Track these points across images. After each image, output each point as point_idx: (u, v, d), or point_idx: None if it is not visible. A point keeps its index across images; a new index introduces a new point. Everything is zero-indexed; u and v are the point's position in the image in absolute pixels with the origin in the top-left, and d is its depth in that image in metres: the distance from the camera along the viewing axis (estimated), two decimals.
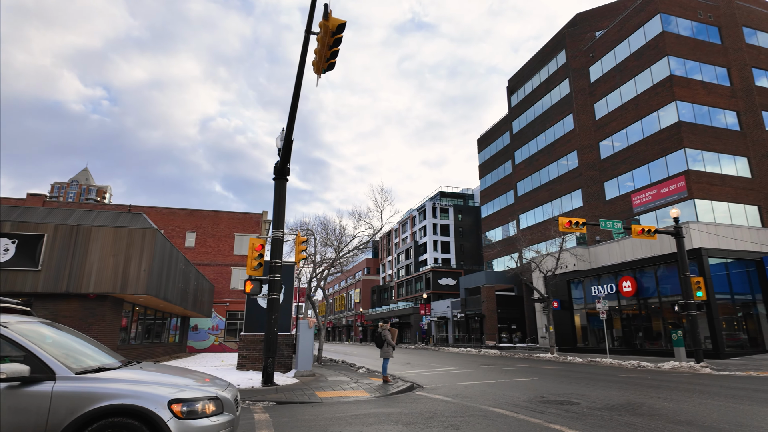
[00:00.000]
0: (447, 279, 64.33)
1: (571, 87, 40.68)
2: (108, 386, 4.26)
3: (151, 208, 36.47)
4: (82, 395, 4.13)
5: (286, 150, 13.00)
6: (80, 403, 4.09)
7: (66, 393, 4.11)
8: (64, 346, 4.81)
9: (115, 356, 5.42)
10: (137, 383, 4.45)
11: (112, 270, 15.59)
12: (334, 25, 9.33)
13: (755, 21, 33.68)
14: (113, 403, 4.14)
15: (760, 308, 25.35)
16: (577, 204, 38.28)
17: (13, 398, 3.99)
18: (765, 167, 29.74)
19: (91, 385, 4.22)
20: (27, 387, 4.07)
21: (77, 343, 5.19)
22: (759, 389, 11.58)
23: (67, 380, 4.19)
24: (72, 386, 4.16)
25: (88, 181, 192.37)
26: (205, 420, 4.38)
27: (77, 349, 5.01)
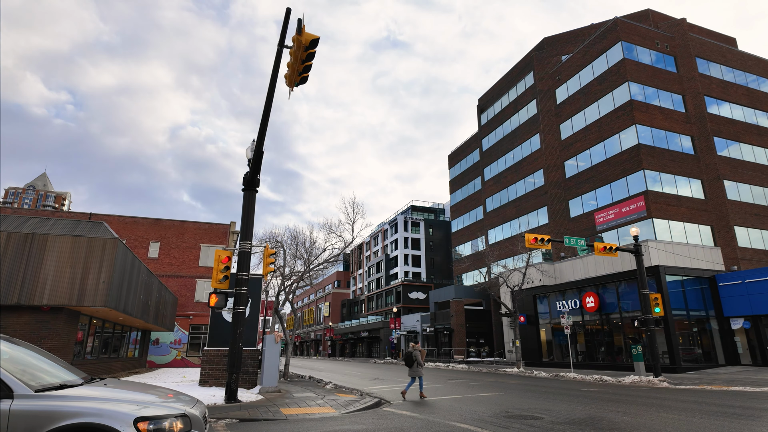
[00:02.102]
0: (417, 293, 64.51)
1: (538, 108, 42.09)
2: (69, 404, 4.11)
3: (113, 216, 35.20)
4: (42, 414, 3.96)
5: (257, 161, 12.87)
6: (40, 422, 3.93)
7: (24, 412, 3.95)
8: (22, 362, 4.59)
9: (77, 372, 5.19)
10: (100, 401, 4.29)
11: (68, 281, 14.90)
12: (307, 40, 9.39)
13: (707, 52, 35.93)
14: (75, 422, 3.97)
15: (713, 324, 26.55)
16: (543, 221, 39.33)
17: None
18: (716, 190, 31.45)
19: (51, 403, 4.07)
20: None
21: (35, 358, 4.94)
22: (711, 402, 12.08)
23: (26, 398, 4.03)
24: (31, 404, 4.01)
25: (46, 186, 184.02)
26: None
27: (36, 365, 4.78)
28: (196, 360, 32.88)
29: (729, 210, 30.76)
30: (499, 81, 50.37)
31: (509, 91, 47.75)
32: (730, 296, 26.20)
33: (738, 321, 25.68)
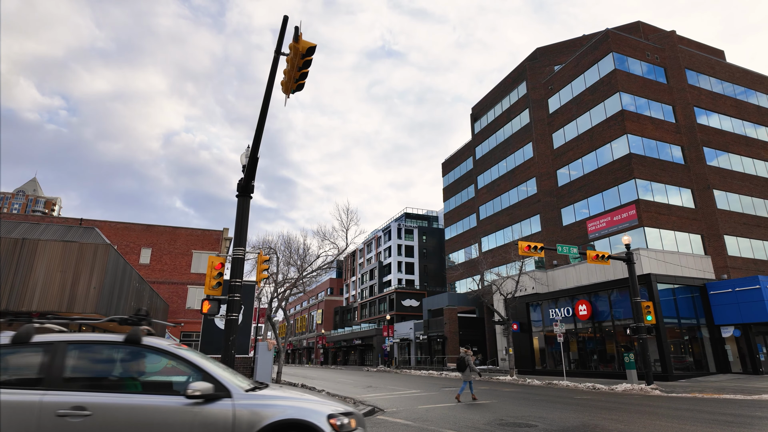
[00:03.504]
0: (410, 300, 64.39)
1: (530, 117, 42.49)
2: (274, 403, 4.66)
3: (104, 222, 34.88)
4: (257, 411, 4.50)
5: (251, 167, 12.85)
6: (257, 418, 4.45)
7: (244, 409, 4.48)
8: (220, 367, 5.06)
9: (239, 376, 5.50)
10: (293, 400, 4.81)
11: (58, 287, 14.72)
12: (304, 48, 9.44)
13: (696, 64, 36.56)
14: (285, 418, 4.50)
15: (704, 332, 26.75)
16: (536, 229, 39.55)
17: (202, 414, 4.36)
18: (706, 199, 31.85)
19: (260, 402, 4.62)
20: (209, 404, 4.42)
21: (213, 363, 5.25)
22: (703, 410, 12.14)
23: (241, 398, 4.58)
24: (246, 403, 4.55)
25: (36, 191, 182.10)
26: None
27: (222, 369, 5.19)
28: None
29: (719, 219, 31.14)
30: (493, 90, 50.82)
31: (502, 100, 48.19)
32: (720, 304, 26.45)
33: (728, 329, 25.90)
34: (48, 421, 4.04)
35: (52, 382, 4.30)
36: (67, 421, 4.07)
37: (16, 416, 4.02)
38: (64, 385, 4.31)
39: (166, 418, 4.29)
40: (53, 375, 4.34)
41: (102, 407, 4.21)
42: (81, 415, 4.11)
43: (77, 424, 4.08)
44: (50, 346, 4.51)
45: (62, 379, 4.35)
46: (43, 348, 4.50)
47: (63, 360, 4.45)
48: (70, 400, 4.18)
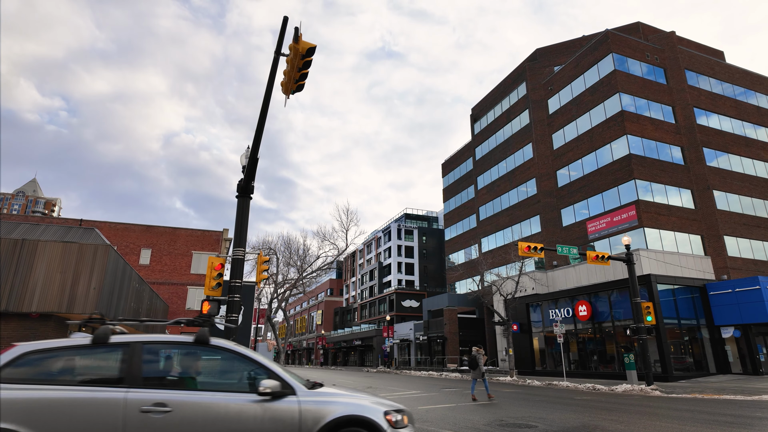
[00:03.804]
0: (410, 301, 64.37)
1: (530, 117, 42.50)
2: (334, 399, 4.91)
3: (104, 222, 34.88)
4: (321, 408, 4.73)
5: (251, 168, 12.85)
6: (320, 414, 4.68)
7: (309, 406, 4.72)
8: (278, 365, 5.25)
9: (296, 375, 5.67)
10: (350, 397, 5.07)
11: (58, 287, 14.71)
12: (304, 48, 9.45)
13: (696, 65, 36.59)
14: (346, 414, 4.74)
15: (704, 333, 26.74)
16: (535, 229, 39.55)
17: (271, 410, 4.61)
18: (706, 200, 31.86)
19: (321, 399, 4.85)
20: (276, 401, 4.68)
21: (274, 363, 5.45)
22: (703, 411, 12.13)
23: (305, 395, 4.82)
24: (310, 400, 4.79)
25: (36, 192, 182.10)
26: (405, 429, 4.99)
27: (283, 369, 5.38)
28: None
29: (719, 220, 31.14)
30: (493, 91, 50.84)
31: (502, 100, 48.21)
32: (720, 305, 26.45)
33: (728, 330, 25.90)
34: (133, 416, 4.29)
35: (132, 380, 4.54)
36: (150, 417, 4.32)
37: (105, 412, 4.26)
38: (144, 383, 4.55)
39: (239, 414, 4.53)
40: (133, 374, 4.58)
41: (180, 404, 4.45)
42: (162, 411, 4.36)
43: (159, 420, 4.33)
44: (127, 347, 4.75)
45: (141, 377, 4.59)
46: (121, 348, 4.75)
47: (140, 359, 4.68)
48: (152, 397, 4.43)
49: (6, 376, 4.28)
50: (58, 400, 4.23)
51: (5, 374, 4.30)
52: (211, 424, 4.43)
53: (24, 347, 4.56)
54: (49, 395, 4.25)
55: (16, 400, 4.15)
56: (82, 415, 4.20)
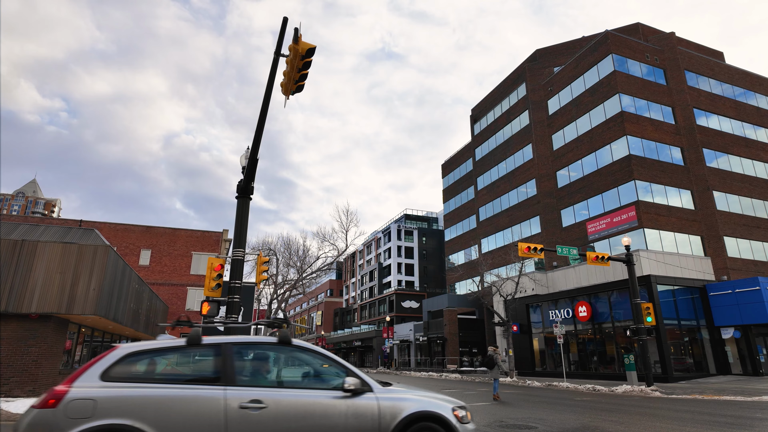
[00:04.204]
0: (410, 302, 64.36)
1: (530, 118, 42.52)
2: (407, 397, 5.19)
3: (104, 223, 34.87)
4: (396, 404, 5.04)
5: (251, 168, 12.84)
6: (397, 410, 5.00)
7: (386, 402, 5.02)
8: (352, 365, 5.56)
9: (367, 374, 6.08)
10: (419, 394, 5.35)
11: (58, 288, 14.70)
12: (304, 49, 9.45)
13: (696, 66, 36.61)
14: (419, 410, 5.06)
15: (704, 333, 26.74)
16: (535, 230, 39.54)
17: (354, 406, 4.92)
18: (706, 200, 31.86)
19: (397, 396, 5.15)
20: (356, 397, 4.97)
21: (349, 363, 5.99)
22: (703, 412, 12.12)
23: (381, 392, 5.12)
24: (386, 397, 5.09)
25: (36, 193, 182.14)
26: (470, 425, 5.31)
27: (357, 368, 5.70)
28: None
29: (718, 220, 31.14)
30: (492, 91, 50.86)
31: (502, 101, 48.23)
32: (720, 306, 26.44)
33: (728, 330, 25.89)
34: (233, 412, 4.58)
35: (228, 378, 4.80)
36: (248, 413, 4.61)
37: (208, 408, 4.56)
38: (238, 381, 4.84)
39: (326, 410, 4.84)
40: (228, 372, 4.85)
41: (274, 400, 4.76)
42: (258, 407, 4.66)
43: (256, 416, 4.63)
44: (219, 348, 5.02)
45: (235, 376, 4.87)
46: (214, 349, 5.03)
47: (232, 359, 4.96)
48: (248, 394, 4.72)
49: (114, 375, 4.56)
50: (167, 397, 4.53)
51: (113, 373, 4.58)
52: (302, 419, 4.74)
53: (127, 348, 4.82)
54: (158, 392, 4.54)
55: (130, 397, 4.43)
56: (189, 411, 4.49)
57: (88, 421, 4.16)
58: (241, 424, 4.53)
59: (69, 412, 4.18)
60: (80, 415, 4.18)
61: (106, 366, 4.58)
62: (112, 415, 4.25)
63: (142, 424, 4.27)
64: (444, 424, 5.08)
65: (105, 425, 4.19)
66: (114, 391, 4.42)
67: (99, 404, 4.28)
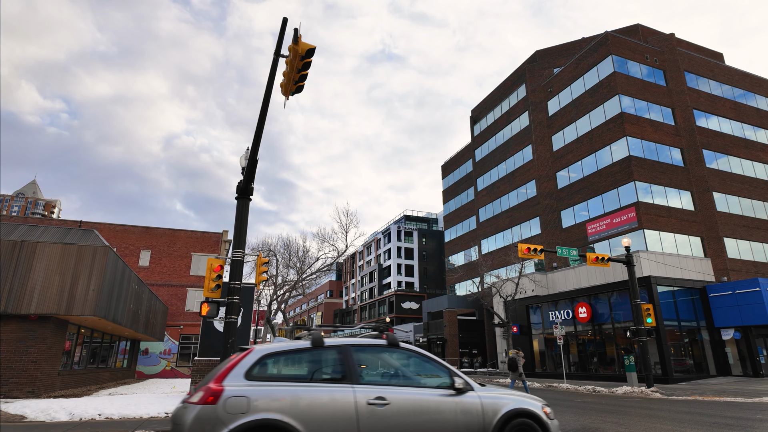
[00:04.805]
0: (410, 303, 64.31)
1: (530, 119, 42.52)
2: (503, 395, 5.73)
3: (103, 224, 34.84)
4: (496, 402, 5.57)
5: (251, 169, 12.83)
6: (497, 407, 5.52)
7: (487, 400, 5.54)
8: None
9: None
10: (513, 394, 5.84)
11: (57, 289, 14.68)
12: (304, 50, 9.44)
13: (695, 67, 36.63)
14: (516, 407, 5.59)
15: (704, 335, 26.71)
16: (535, 231, 39.53)
17: (461, 403, 5.43)
18: (706, 201, 31.86)
19: (495, 395, 5.69)
20: (461, 395, 5.47)
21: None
22: (703, 413, 12.10)
23: (480, 391, 5.63)
24: (486, 395, 5.61)
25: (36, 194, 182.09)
26: (555, 421, 5.82)
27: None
28: (186, 371, 32.41)
29: (718, 221, 31.13)
30: (492, 92, 50.88)
31: (502, 102, 48.25)
32: (720, 307, 26.42)
33: (728, 332, 25.86)
34: (363, 408, 5.02)
35: (353, 377, 5.26)
36: (375, 408, 5.06)
37: (342, 404, 4.99)
38: (361, 380, 5.28)
39: (438, 406, 5.32)
40: (351, 372, 5.31)
41: (394, 397, 5.20)
42: (383, 403, 5.11)
43: (381, 411, 5.07)
44: (339, 349, 5.48)
45: (358, 375, 5.32)
46: (335, 351, 5.47)
47: (353, 360, 5.42)
48: (373, 392, 5.17)
49: (255, 375, 5.00)
50: (308, 394, 4.96)
51: (254, 373, 5.02)
52: (419, 414, 5.20)
53: (262, 350, 5.25)
54: (299, 390, 4.97)
55: (277, 394, 4.87)
56: (326, 406, 4.93)
57: (245, 416, 4.61)
58: (370, 418, 4.99)
59: (228, 407, 4.63)
60: (237, 410, 4.64)
61: (248, 366, 5.02)
62: (262, 411, 4.70)
63: (289, 419, 4.72)
64: (537, 420, 5.62)
65: (259, 419, 4.64)
66: (261, 388, 4.87)
67: (252, 401, 4.72)
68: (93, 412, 10.55)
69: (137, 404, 11.93)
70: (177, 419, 4.76)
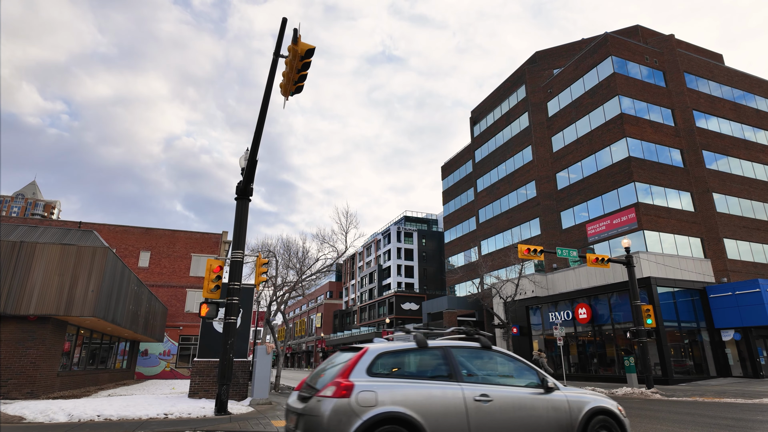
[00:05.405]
0: (410, 304, 64.27)
1: (530, 120, 42.53)
2: (583, 394, 6.28)
3: (103, 225, 34.82)
4: (579, 400, 6.13)
5: (250, 170, 12.82)
6: (580, 405, 6.06)
7: (572, 399, 6.09)
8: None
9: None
10: (591, 394, 6.36)
11: (56, 290, 14.66)
12: (303, 50, 9.44)
13: (695, 68, 36.65)
14: (597, 405, 6.13)
15: (704, 336, 26.68)
16: (535, 232, 39.51)
17: (552, 401, 5.95)
18: (706, 202, 31.86)
19: (577, 394, 6.25)
20: (549, 394, 5.99)
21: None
22: (704, 414, 12.08)
23: (565, 390, 6.19)
24: (570, 394, 6.16)
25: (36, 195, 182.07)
26: (627, 419, 6.36)
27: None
28: (185, 372, 32.37)
29: (718, 222, 31.12)
30: (492, 93, 50.89)
31: (502, 103, 48.26)
32: (720, 308, 26.40)
33: (729, 333, 25.84)
34: (471, 404, 5.48)
35: (457, 376, 5.71)
36: (480, 405, 5.52)
37: (454, 400, 5.44)
38: (464, 378, 5.73)
39: (533, 403, 5.82)
40: (456, 371, 5.76)
41: (495, 395, 5.67)
42: (487, 400, 5.57)
43: (486, 407, 5.54)
44: (442, 350, 5.93)
45: (462, 374, 5.76)
46: (438, 351, 5.92)
47: (455, 360, 5.87)
48: (477, 389, 5.64)
49: (374, 371, 5.41)
50: (424, 390, 5.39)
51: (374, 369, 5.42)
52: (518, 410, 5.69)
53: (378, 349, 5.66)
54: (416, 386, 5.42)
55: (399, 390, 5.29)
56: (441, 402, 5.36)
57: (374, 409, 5.04)
58: (477, 413, 5.46)
59: (359, 401, 5.07)
60: (367, 403, 5.06)
61: (368, 363, 5.45)
62: (388, 404, 5.11)
63: (411, 412, 5.13)
64: (615, 417, 6.20)
65: (387, 412, 5.05)
66: (384, 383, 5.31)
67: (378, 395, 5.15)
68: (92, 413, 10.53)
69: (136, 405, 11.91)
70: (311, 411, 5.13)
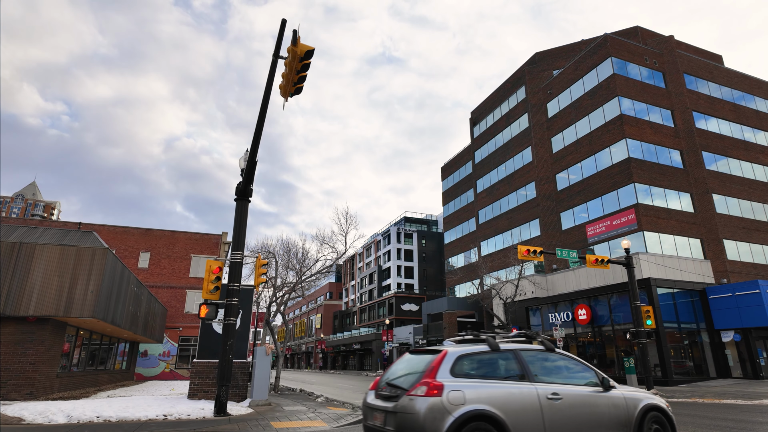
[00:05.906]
0: (410, 304, 64.23)
1: (530, 121, 42.55)
2: (638, 392, 6.85)
3: (102, 226, 34.81)
4: (634, 397, 6.70)
5: (250, 170, 12.81)
6: (635, 402, 6.63)
7: (628, 396, 6.66)
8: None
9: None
10: (642, 391, 6.96)
11: (56, 291, 14.65)
12: (302, 51, 9.45)
13: (694, 69, 36.68)
14: (649, 403, 6.71)
15: (704, 337, 26.67)
16: (535, 233, 39.52)
17: (611, 398, 6.49)
18: (705, 203, 31.86)
19: (632, 392, 6.81)
20: (608, 392, 6.53)
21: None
22: (704, 415, 12.07)
23: (620, 389, 6.72)
24: (626, 392, 6.71)
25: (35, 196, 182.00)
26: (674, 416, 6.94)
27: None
28: (185, 372, 32.35)
29: (718, 223, 31.13)
30: (492, 94, 50.91)
31: (501, 104, 48.29)
32: (720, 309, 26.39)
33: (728, 333, 25.83)
34: (544, 401, 5.92)
35: (529, 377, 6.14)
36: (553, 403, 5.97)
37: (530, 399, 5.86)
38: (535, 379, 6.15)
39: (596, 401, 6.34)
40: (527, 372, 6.19)
41: (564, 393, 6.14)
42: (557, 398, 6.04)
43: (557, 404, 6.00)
44: (512, 353, 6.38)
45: (532, 374, 6.17)
46: (512, 353, 6.37)
47: (525, 362, 6.30)
48: (549, 388, 6.08)
49: (456, 372, 5.78)
50: (505, 390, 5.83)
51: (455, 370, 5.80)
52: (584, 406, 6.19)
53: (456, 351, 6.07)
54: (495, 385, 5.84)
55: (483, 389, 5.69)
56: (519, 400, 5.78)
57: (463, 407, 5.42)
58: (550, 410, 5.89)
59: (450, 399, 5.46)
60: (457, 402, 5.46)
61: (450, 365, 5.83)
62: (474, 402, 5.50)
63: (495, 410, 5.52)
64: (664, 413, 6.79)
65: (474, 410, 5.43)
66: (468, 383, 5.71)
67: (466, 394, 5.55)
68: (91, 415, 10.52)
69: (135, 406, 11.90)
70: (405, 409, 5.49)
